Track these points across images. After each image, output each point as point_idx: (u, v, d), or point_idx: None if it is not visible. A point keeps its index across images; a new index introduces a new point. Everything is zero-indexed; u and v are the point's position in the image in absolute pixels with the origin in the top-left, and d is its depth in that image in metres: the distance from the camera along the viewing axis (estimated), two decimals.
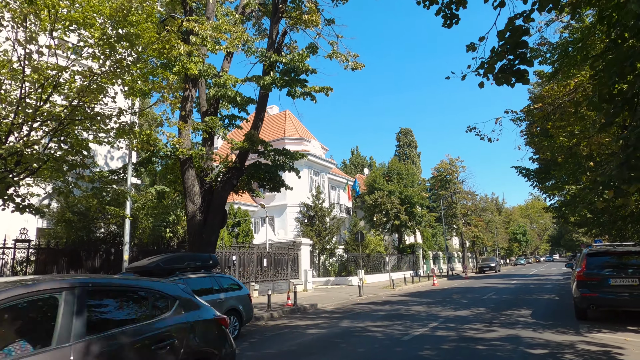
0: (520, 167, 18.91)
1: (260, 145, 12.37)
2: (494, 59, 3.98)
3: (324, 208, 31.57)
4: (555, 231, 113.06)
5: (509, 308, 13.67)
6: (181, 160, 12.42)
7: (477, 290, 22.17)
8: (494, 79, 4.08)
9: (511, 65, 4.06)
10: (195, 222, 12.45)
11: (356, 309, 15.40)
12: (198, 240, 12.34)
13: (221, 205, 12.54)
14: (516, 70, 4.01)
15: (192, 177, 12.48)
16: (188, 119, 12.58)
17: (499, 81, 4.13)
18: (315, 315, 14.27)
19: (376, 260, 33.75)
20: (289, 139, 34.35)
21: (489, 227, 59.03)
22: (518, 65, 4.05)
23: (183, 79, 12.72)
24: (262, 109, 12.98)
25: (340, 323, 11.82)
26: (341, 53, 13.33)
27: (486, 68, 4.00)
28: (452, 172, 47.36)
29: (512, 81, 4.13)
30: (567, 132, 12.09)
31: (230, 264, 18.82)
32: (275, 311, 14.83)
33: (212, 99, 13.73)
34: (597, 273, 10.12)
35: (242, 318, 10.17)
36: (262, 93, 12.98)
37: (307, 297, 20.23)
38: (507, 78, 4.03)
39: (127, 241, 11.10)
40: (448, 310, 13.59)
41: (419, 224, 38.96)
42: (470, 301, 16.43)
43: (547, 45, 14.14)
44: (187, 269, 9.70)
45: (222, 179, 12.68)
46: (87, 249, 13.52)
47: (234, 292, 10.24)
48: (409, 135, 75.37)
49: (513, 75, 4.02)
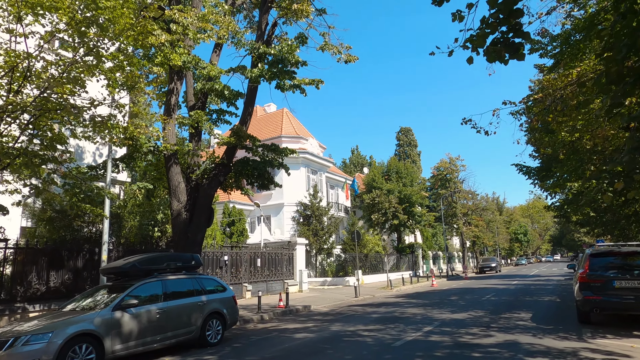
0: (521, 164, 18.34)
1: (248, 140, 11.84)
2: (485, 31, 3.44)
3: (321, 207, 31.02)
4: (557, 231, 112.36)
5: (508, 311, 13.12)
6: (166, 156, 11.91)
7: (476, 291, 21.62)
8: (484, 54, 3.54)
9: (505, 39, 3.52)
10: (180, 221, 11.93)
11: (350, 311, 14.87)
12: (183, 240, 11.83)
13: (207, 203, 12.02)
14: (510, 44, 3.47)
15: (177, 173, 11.96)
16: (173, 113, 12.06)
17: (490, 57, 3.59)
18: (306, 317, 13.75)
19: (374, 260, 33.20)
20: (286, 137, 33.82)
21: (489, 227, 58.41)
22: (512, 38, 3.51)
23: (168, 71, 12.22)
24: (251, 102, 12.45)
25: (331, 326, 11.29)
26: (333, 45, 12.80)
27: (475, 40, 3.45)
28: (452, 171, 46.77)
29: (505, 57, 3.59)
30: (569, 127, 11.55)
31: (222, 264, 18.30)
32: (265, 313, 14.30)
33: (199, 93, 13.21)
34: (601, 275, 9.57)
35: (226, 321, 9.64)
36: (250, 86, 12.46)
37: (301, 298, 19.70)
38: (499, 53, 3.49)
39: (105, 240, 10.58)
40: (444, 313, 13.04)
41: (418, 223, 38.37)
42: (468, 303, 15.88)
43: (549, 37, 13.61)
44: (166, 269, 9.17)
45: (209, 175, 12.16)
46: (70, 249, 12.98)
47: (217, 295, 9.71)
48: (409, 134, 74.80)
49: (507, 50, 3.48)
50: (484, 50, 3.54)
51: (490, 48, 3.46)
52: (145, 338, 7.87)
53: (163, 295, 8.51)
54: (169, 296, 8.60)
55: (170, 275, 9.05)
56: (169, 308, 8.45)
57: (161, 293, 8.51)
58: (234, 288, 18.68)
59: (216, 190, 12.20)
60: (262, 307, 16.20)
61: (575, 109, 9.76)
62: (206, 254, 17.60)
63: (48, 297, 12.07)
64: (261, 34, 12.66)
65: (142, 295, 8.15)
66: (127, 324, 7.62)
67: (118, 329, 7.45)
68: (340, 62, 13.25)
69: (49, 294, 12.15)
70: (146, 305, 8.10)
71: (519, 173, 18.32)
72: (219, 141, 11.91)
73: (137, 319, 7.80)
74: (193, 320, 8.87)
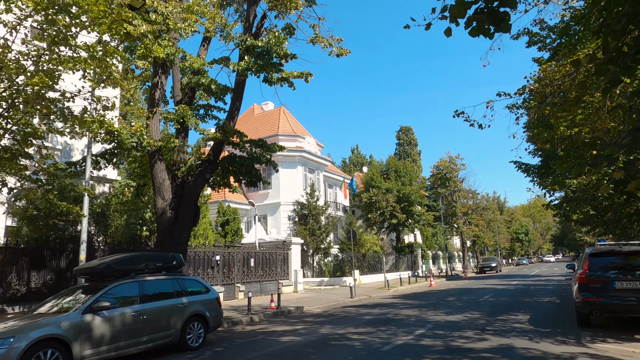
0: (519, 162, 17.90)
1: (235, 136, 11.41)
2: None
3: (318, 206, 30.58)
4: (559, 230, 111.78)
5: (506, 312, 12.67)
6: (149, 152, 11.50)
7: (474, 291, 21.17)
8: (465, 26, 3.12)
9: (489, 8, 3.08)
10: (165, 220, 11.52)
11: (343, 312, 14.44)
12: (167, 239, 11.41)
13: (193, 201, 11.60)
14: (494, 13, 3.04)
15: (162, 170, 11.55)
16: (157, 108, 11.65)
17: (472, 30, 3.16)
18: (297, 319, 13.32)
19: (372, 260, 32.76)
20: (283, 135, 33.41)
21: (490, 226, 57.90)
22: (498, 7, 3.08)
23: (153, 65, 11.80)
24: (239, 97, 12.02)
25: (321, 329, 10.86)
26: (324, 38, 12.36)
27: (454, 8, 3.02)
28: (451, 170, 46.27)
29: (490, 30, 3.16)
30: (568, 122, 11.11)
31: (214, 264, 17.89)
32: (256, 315, 13.88)
33: (186, 87, 12.80)
34: (601, 275, 9.12)
35: (208, 324, 9.22)
36: (238, 80, 12.04)
37: (295, 299, 19.28)
38: (481, 24, 3.06)
39: (84, 240, 10.15)
40: (439, 315, 12.61)
41: (417, 222, 37.89)
42: (465, 304, 15.44)
43: (547, 29, 13.15)
44: (145, 270, 8.76)
45: (195, 173, 11.74)
46: (52, 248, 12.60)
47: (199, 296, 9.29)
48: (409, 133, 74.34)
49: (490, 20, 3.05)
50: (465, 21, 3.11)
51: (471, 18, 3.02)
52: (119, 342, 7.46)
53: (140, 297, 8.10)
54: (146, 298, 8.18)
55: (148, 276, 8.63)
56: (146, 310, 8.04)
57: (138, 295, 8.09)
58: (226, 289, 18.30)
59: (202, 188, 11.79)
60: (254, 308, 15.80)
61: (575, 103, 9.32)
62: (197, 254, 17.19)
63: (29, 298, 11.69)
64: (249, 26, 12.24)
65: (116, 297, 7.74)
66: (99, 327, 7.20)
67: (88, 333, 7.04)
68: (332, 56, 12.81)
69: (29, 295, 11.76)
70: (120, 307, 7.68)
71: (518, 170, 17.88)
72: (204, 137, 11.47)
73: (110, 322, 7.39)
74: (172, 323, 8.45)
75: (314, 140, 35.56)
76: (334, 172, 40.77)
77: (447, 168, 46.84)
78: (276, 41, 11.10)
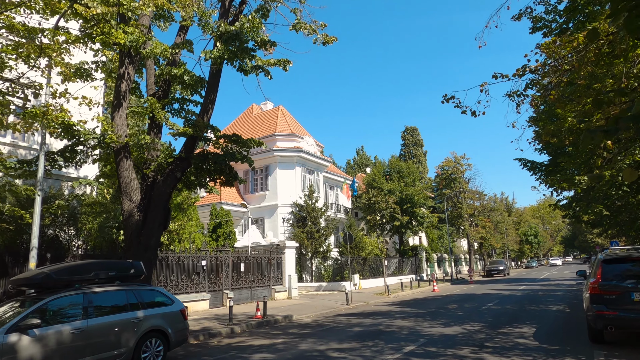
0: (525, 159, 16.67)
1: (208, 130, 10.40)
2: None
3: (317, 208, 29.48)
4: (569, 232, 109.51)
5: (509, 324, 11.48)
6: (114, 149, 10.53)
7: (478, 298, 19.93)
8: None
9: None
10: (132, 223, 10.53)
11: (332, 323, 13.34)
12: (135, 244, 10.42)
13: (162, 202, 10.60)
14: None
15: (129, 169, 10.56)
16: (124, 101, 10.68)
17: None
18: (281, 330, 12.25)
19: (374, 263, 31.58)
20: (280, 135, 32.40)
21: (498, 228, 56.34)
22: None
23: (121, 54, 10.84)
24: (213, 89, 11.00)
25: (301, 344, 9.78)
26: (307, 24, 11.33)
27: None
28: (457, 170, 44.90)
29: None
30: (577, 112, 9.95)
31: (199, 270, 16.88)
32: (238, 325, 12.85)
33: (160, 80, 11.85)
34: (617, 285, 7.94)
35: (169, 340, 8.19)
36: (212, 70, 11.04)
37: (286, 306, 18.22)
38: None
39: (34, 246, 9.17)
40: (435, 326, 11.46)
41: (421, 225, 36.62)
42: (466, 313, 14.26)
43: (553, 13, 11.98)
44: (94, 280, 7.76)
45: (165, 172, 10.75)
46: (15, 254, 11.67)
47: (159, 309, 8.27)
48: (415, 134, 73.09)
49: None
50: None
51: None
52: None
53: (83, 311, 7.09)
54: (91, 312, 7.17)
55: (98, 287, 7.63)
56: (90, 327, 7.02)
57: (81, 309, 7.09)
58: (213, 296, 17.28)
59: (173, 188, 10.79)
60: (239, 317, 14.79)
61: (587, 88, 8.17)
62: (180, 259, 16.21)
63: None
64: (225, 12, 11.25)
65: (52, 312, 6.74)
66: (27, 349, 6.20)
67: (12, 356, 6.04)
68: (317, 44, 11.75)
69: None
70: (57, 324, 6.68)
71: (523, 168, 16.66)
72: (172, 132, 10.49)
73: (42, 342, 6.38)
74: (123, 340, 7.43)
75: (313, 140, 34.48)
76: (335, 173, 39.66)
77: (452, 168, 45.47)
78: (251, 26, 10.09)
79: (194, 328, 12.33)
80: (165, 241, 16.00)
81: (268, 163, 31.96)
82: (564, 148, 12.85)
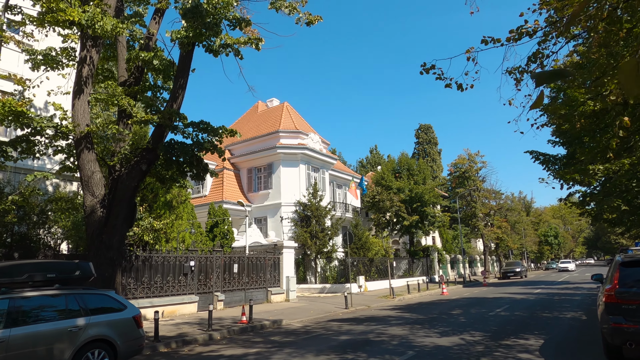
0: (536, 152, 15.23)
1: (175, 117, 9.43)
2: None
3: (321, 207, 28.36)
4: (592, 233, 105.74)
5: (514, 334, 10.18)
6: (75, 139, 9.68)
7: (487, 302, 18.53)
8: None
9: None
10: (95, 220, 9.66)
11: (321, 329, 12.24)
12: (97, 243, 9.54)
13: (127, 197, 9.69)
14: None
15: (90, 161, 9.69)
16: (85, 87, 9.81)
17: None
18: (263, 337, 11.22)
19: (381, 264, 30.30)
20: (284, 132, 31.41)
21: (515, 228, 54.21)
22: None
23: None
24: (183, 73, 10.03)
25: (274, 355, 8.73)
26: (287, 1, 10.30)
27: None
28: (470, 167, 43.17)
29: None
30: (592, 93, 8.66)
31: (187, 271, 15.99)
32: (218, 331, 11.86)
33: (132, 66, 10.96)
34: (637, 292, 6.65)
35: (117, 351, 7.22)
36: (182, 53, 10.09)
37: (281, 309, 17.18)
38: None
39: None
40: (431, 335, 10.24)
41: (432, 225, 35.15)
42: (470, 319, 12.97)
43: None
44: (28, 283, 6.85)
45: (130, 164, 9.84)
46: None
47: (106, 316, 7.32)
48: (429, 132, 71.29)
49: None
50: None
51: None
52: None
53: (7, 318, 6.18)
54: (16, 320, 6.26)
55: (30, 291, 6.71)
56: (13, 337, 6.10)
57: (4, 316, 6.18)
58: (202, 298, 16.35)
59: (139, 182, 9.86)
60: (225, 321, 13.84)
61: (601, 47, 6.88)
62: (166, 260, 15.34)
63: None
64: None
65: None
66: None
67: None
68: (300, 24, 10.72)
69: None
70: None
71: (535, 162, 15.23)
72: (133, 119, 9.56)
73: None
74: (57, 352, 6.50)
75: (318, 137, 33.37)
76: (344, 171, 38.45)
77: (467, 166, 43.76)
78: (223, 1, 9.08)
79: (169, 334, 11.41)
80: (151, 240, 15.15)
81: (271, 161, 31.01)
82: (580, 137, 11.46)
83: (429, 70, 6.45)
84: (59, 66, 11.28)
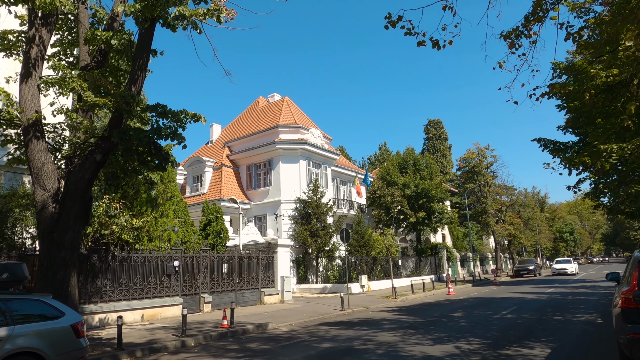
0: (545, 139, 13.90)
1: (132, 101, 8.43)
2: None
3: (322, 204, 27.27)
4: (610, 229, 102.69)
5: (518, 341, 8.96)
6: (22, 127, 8.77)
7: (494, 303, 17.23)
8: None
9: None
10: (46, 216, 8.74)
11: (306, 335, 11.17)
12: (47, 242, 8.62)
13: (80, 190, 8.74)
14: None
15: (40, 151, 8.78)
16: (34, 70, 8.90)
17: None
18: (240, 345, 10.20)
19: (385, 263, 29.08)
20: (283, 126, 30.39)
21: (529, 225, 52.35)
22: None
23: None
24: (142, 53, 9.03)
25: None
26: None
27: None
28: (480, 162, 41.60)
29: None
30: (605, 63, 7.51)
31: (170, 271, 15.06)
32: (194, 337, 10.87)
33: (95, 50, 10.02)
34: None
35: None
36: (141, 32, 9.09)
37: (272, 312, 16.16)
38: None
39: None
40: (423, 343, 9.09)
41: (439, 221, 33.77)
42: (471, 323, 11.77)
43: None
44: None
45: (85, 153, 8.89)
46: None
47: (36, 325, 6.36)
48: (439, 127, 69.50)
49: None
50: None
51: None
52: None
53: None
54: None
55: None
56: None
57: None
58: (187, 300, 15.40)
59: (94, 173, 8.89)
60: (207, 325, 12.89)
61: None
62: (147, 260, 14.43)
63: None
64: None
65: None
66: None
67: None
68: None
69: None
70: None
71: (544, 150, 13.90)
72: (81, 104, 8.62)
73: None
74: None
75: (320, 132, 32.26)
76: (348, 167, 37.27)
77: (476, 161, 42.18)
78: None
79: (138, 341, 10.46)
80: (130, 239, 14.25)
81: (271, 157, 30.01)
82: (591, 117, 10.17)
83: (396, 24, 5.30)
84: (14, 52, 10.46)
